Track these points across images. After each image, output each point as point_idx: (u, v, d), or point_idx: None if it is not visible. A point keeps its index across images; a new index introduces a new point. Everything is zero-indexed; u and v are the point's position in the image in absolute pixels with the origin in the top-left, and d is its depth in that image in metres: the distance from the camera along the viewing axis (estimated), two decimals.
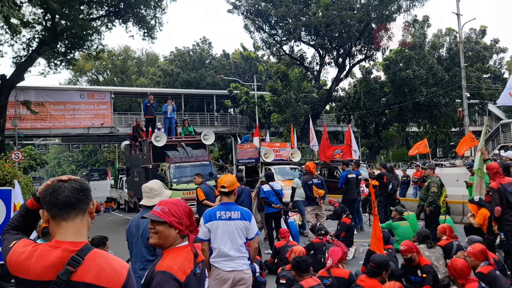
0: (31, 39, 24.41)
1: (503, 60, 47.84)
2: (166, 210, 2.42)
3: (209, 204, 8.47)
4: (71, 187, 1.89)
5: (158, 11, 26.74)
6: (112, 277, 1.80)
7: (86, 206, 1.92)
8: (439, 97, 31.07)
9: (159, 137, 15.32)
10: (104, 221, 19.11)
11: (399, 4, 30.81)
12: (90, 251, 1.83)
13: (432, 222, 8.38)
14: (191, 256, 2.43)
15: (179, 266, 2.33)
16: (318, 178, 9.44)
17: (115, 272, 1.82)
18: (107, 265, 1.82)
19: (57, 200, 1.85)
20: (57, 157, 76.35)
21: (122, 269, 1.85)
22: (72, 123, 31.67)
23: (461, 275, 4.71)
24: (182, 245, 2.45)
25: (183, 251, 2.43)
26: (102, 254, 1.87)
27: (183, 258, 2.39)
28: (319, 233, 7.64)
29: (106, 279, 1.79)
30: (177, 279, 2.28)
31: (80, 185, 1.93)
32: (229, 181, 4.24)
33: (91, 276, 1.77)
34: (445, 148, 49.39)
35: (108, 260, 1.85)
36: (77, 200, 1.88)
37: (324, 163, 18.84)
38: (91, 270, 1.78)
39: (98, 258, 1.83)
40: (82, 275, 1.76)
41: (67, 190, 1.87)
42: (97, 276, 1.77)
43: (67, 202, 1.85)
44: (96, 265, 1.80)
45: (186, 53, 46.80)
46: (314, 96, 33.59)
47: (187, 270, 2.35)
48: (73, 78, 56.69)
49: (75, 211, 1.88)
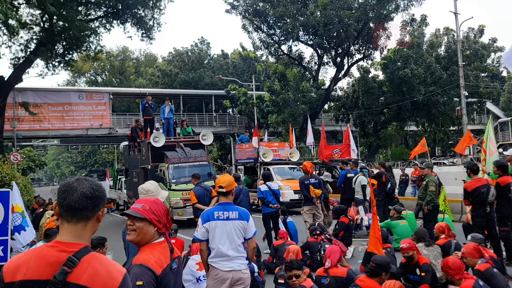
0: (29, 40, 24.41)
1: (501, 58, 47.89)
2: (147, 207, 2.48)
3: (201, 208, 8.28)
4: (81, 192, 1.84)
5: (156, 12, 26.75)
6: (106, 281, 1.77)
7: (91, 214, 1.87)
8: (437, 96, 31.13)
9: (157, 138, 15.32)
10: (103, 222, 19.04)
11: (397, 4, 30.85)
12: (87, 253, 1.80)
13: (430, 220, 8.39)
14: (167, 252, 2.49)
15: (156, 260, 2.39)
16: (315, 178, 9.44)
17: (109, 277, 1.79)
18: (103, 269, 1.80)
19: (64, 201, 1.84)
20: (56, 158, 76.35)
21: (118, 275, 1.82)
22: (70, 124, 31.66)
23: (456, 270, 4.72)
24: (158, 241, 2.51)
25: (159, 246, 2.48)
26: (100, 258, 1.84)
27: (160, 253, 2.44)
28: (314, 233, 7.67)
29: (100, 283, 1.76)
30: (153, 272, 2.33)
31: (91, 191, 1.86)
32: (227, 181, 4.24)
33: (86, 278, 1.74)
34: (443, 147, 49.47)
35: (104, 264, 1.82)
36: (82, 207, 1.83)
37: (323, 162, 18.86)
38: (86, 272, 1.75)
39: (94, 261, 1.80)
40: (77, 276, 1.74)
41: (76, 194, 1.84)
42: (91, 279, 1.75)
43: (71, 206, 1.83)
44: (92, 268, 1.77)
45: (184, 54, 46.80)
46: (312, 96, 33.62)
47: (164, 264, 2.41)
48: (71, 79, 56.74)
49: (77, 217, 1.84)
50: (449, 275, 4.84)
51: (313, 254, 7.42)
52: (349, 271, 5.61)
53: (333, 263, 5.56)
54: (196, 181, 9.33)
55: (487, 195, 6.77)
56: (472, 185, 6.90)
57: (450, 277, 4.86)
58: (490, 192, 6.79)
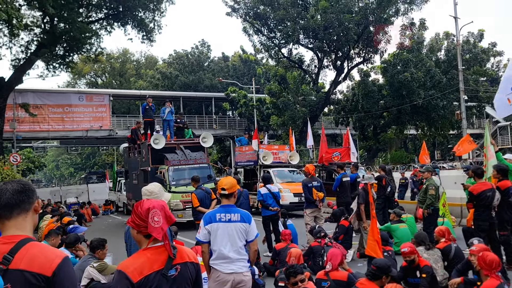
0: (29, 41, 24.44)
1: (500, 63, 48.00)
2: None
3: (202, 211, 8.32)
4: (12, 189, 2.07)
5: (157, 14, 26.81)
6: (43, 263, 1.95)
7: (28, 205, 2.10)
8: (437, 99, 31.19)
9: (157, 140, 15.33)
10: (102, 224, 19.08)
11: (397, 8, 30.92)
12: (27, 242, 2.00)
13: (430, 224, 8.41)
14: (161, 258, 2.37)
15: (137, 266, 2.31)
16: (318, 181, 9.46)
17: (47, 260, 1.97)
18: (41, 254, 1.99)
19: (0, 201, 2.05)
20: (55, 159, 76.27)
21: (56, 258, 1.99)
22: (70, 125, 31.65)
23: (489, 267, 4.68)
24: (154, 245, 2.40)
25: (150, 251, 2.38)
26: (40, 245, 2.04)
27: (146, 259, 2.35)
28: (318, 236, 7.64)
29: (38, 265, 1.95)
30: (129, 279, 2.27)
31: (21, 187, 2.10)
32: (229, 183, 4.25)
33: (24, 263, 1.94)
34: (443, 151, 49.51)
35: (43, 250, 2.02)
36: (19, 201, 2.06)
37: (323, 165, 18.87)
38: (24, 258, 1.95)
39: (32, 248, 1.99)
40: (16, 263, 1.94)
41: (8, 193, 2.06)
42: (29, 263, 1.94)
43: (9, 204, 2.05)
44: (29, 254, 1.96)
45: (184, 56, 46.84)
46: (312, 99, 33.65)
47: (145, 271, 2.30)
48: (71, 81, 56.69)
49: (17, 211, 2.06)
50: (480, 267, 4.79)
51: (315, 258, 7.38)
52: (350, 275, 5.60)
53: (334, 266, 5.56)
54: (196, 184, 9.32)
55: (493, 199, 6.78)
56: (478, 188, 6.88)
57: (478, 269, 4.83)
58: (495, 196, 6.80)
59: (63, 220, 10.31)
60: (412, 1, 30.47)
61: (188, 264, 2.48)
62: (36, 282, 1.93)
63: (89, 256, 5.77)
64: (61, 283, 1.97)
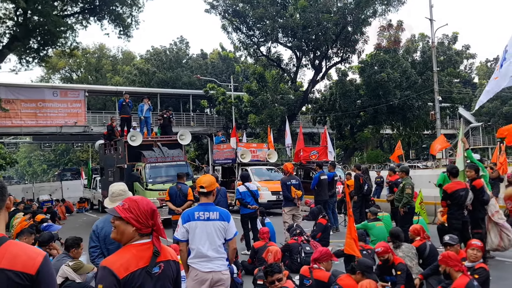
0: (1, 34, 23.69)
1: (473, 65, 49.31)
2: (126, 206, 2.41)
3: (170, 207, 9.36)
4: None
5: (134, 9, 26.33)
6: (27, 262, 1.94)
7: (1, 203, 2.07)
8: (412, 100, 31.76)
9: (134, 137, 15.14)
10: (77, 222, 18.74)
11: (375, 9, 31.33)
12: (4, 242, 1.97)
13: (406, 223, 8.54)
14: (146, 254, 2.37)
15: (123, 262, 2.30)
16: (296, 179, 9.51)
17: (29, 258, 1.95)
18: (22, 252, 1.96)
19: None
20: (27, 156, 74.35)
21: (38, 256, 1.98)
22: (44, 121, 30.87)
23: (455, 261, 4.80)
24: (139, 242, 2.39)
25: (135, 248, 2.37)
26: (18, 244, 2.02)
27: (132, 255, 2.34)
28: (294, 233, 7.69)
29: (21, 264, 1.92)
30: (115, 275, 2.26)
31: None
32: (208, 181, 4.21)
33: (5, 262, 1.91)
34: (417, 150, 50.48)
35: (23, 248, 2.00)
36: None
37: (300, 164, 18.98)
38: (5, 257, 1.92)
39: (12, 247, 1.96)
40: None
41: None
42: (11, 262, 1.91)
43: None
44: (10, 253, 1.93)
45: (162, 52, 46.32)
46: (290, 98, 33.78)
47: (131, 268, 2.30)
48: (45, 76, 55.33)
49: None
50: (448, 266, 4.90)
51: (293, 255, 7.43)
52: (331, 277, 5.63)
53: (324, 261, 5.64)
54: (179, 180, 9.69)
55: (466, 198, 6.93)
56: (452, 187, 7.04)
57: (448, 269, 4.92)
58: (468, 196, 6.95)
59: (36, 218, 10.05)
60: (388, 2, 30.93)
61: (170, 262, 2.49)
62: (20, 281, 1.91)
63: (64, 255, 5.65)
64: (45, 281, 1.97)
